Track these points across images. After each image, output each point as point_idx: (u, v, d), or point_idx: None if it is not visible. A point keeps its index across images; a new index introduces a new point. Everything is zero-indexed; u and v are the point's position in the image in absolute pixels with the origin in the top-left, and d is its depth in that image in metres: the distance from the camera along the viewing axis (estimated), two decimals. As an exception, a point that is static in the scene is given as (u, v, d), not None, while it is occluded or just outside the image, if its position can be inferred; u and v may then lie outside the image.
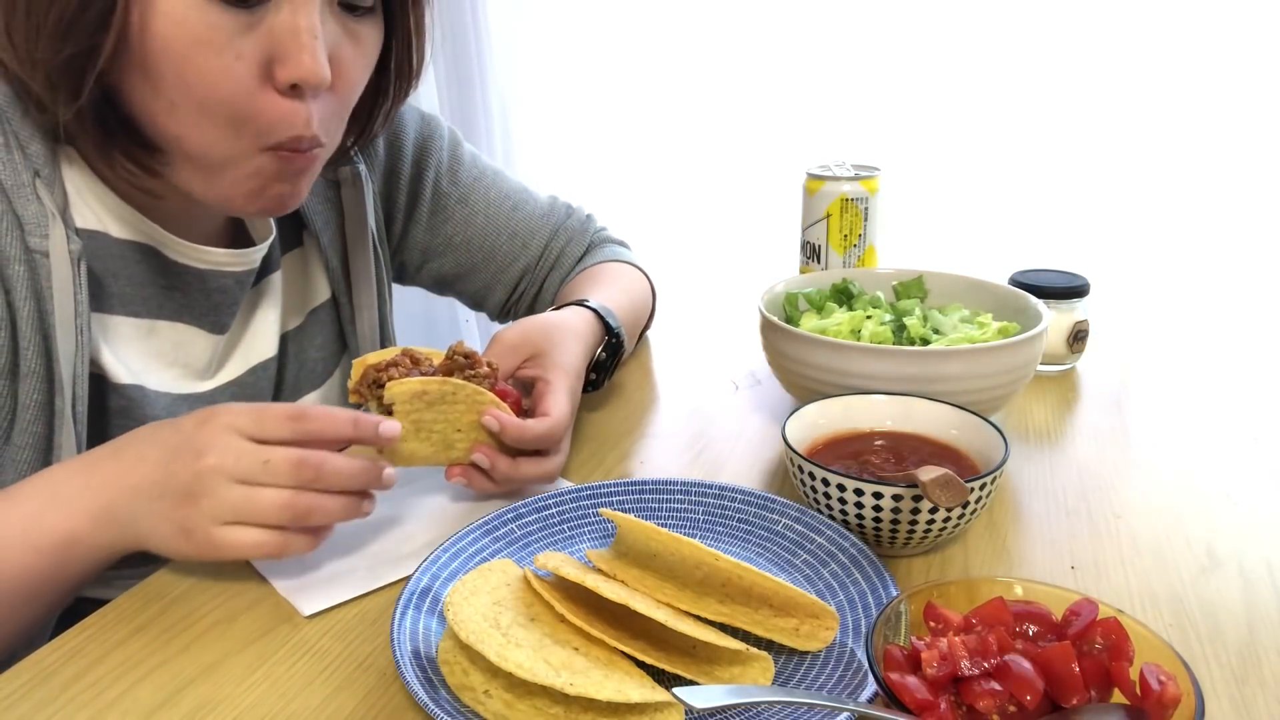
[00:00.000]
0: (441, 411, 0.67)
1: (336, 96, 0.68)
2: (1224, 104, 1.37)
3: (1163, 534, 0.69)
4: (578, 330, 0.82)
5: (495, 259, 1.00)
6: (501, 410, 0.68)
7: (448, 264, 1.00)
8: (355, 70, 0.68)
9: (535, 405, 0.73)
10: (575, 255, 1.03)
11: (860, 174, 1.05)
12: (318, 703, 0.53)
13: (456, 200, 0.97)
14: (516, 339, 0.78)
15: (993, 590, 0.51)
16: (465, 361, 0.69)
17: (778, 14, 1.60)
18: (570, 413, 0.74)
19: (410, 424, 0.66)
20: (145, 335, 0.74)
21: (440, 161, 0.96)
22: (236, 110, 0.63)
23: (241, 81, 0.62)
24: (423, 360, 0.69)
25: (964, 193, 1.56)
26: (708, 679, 0.51)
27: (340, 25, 0.65)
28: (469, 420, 0.68)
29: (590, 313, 0.86)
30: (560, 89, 1.81)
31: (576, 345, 0.80)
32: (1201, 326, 1.14)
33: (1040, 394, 0.94)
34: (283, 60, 0.62)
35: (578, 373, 0.78)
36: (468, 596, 0.54)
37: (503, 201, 0.99)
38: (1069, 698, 0.46)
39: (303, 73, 0.62)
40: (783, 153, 1.63)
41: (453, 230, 0.98)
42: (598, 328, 0.86)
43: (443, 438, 0.68)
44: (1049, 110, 1.47)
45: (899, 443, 0.72)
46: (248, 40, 0.61)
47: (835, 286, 0.93)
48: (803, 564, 0.63)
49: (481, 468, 0.69)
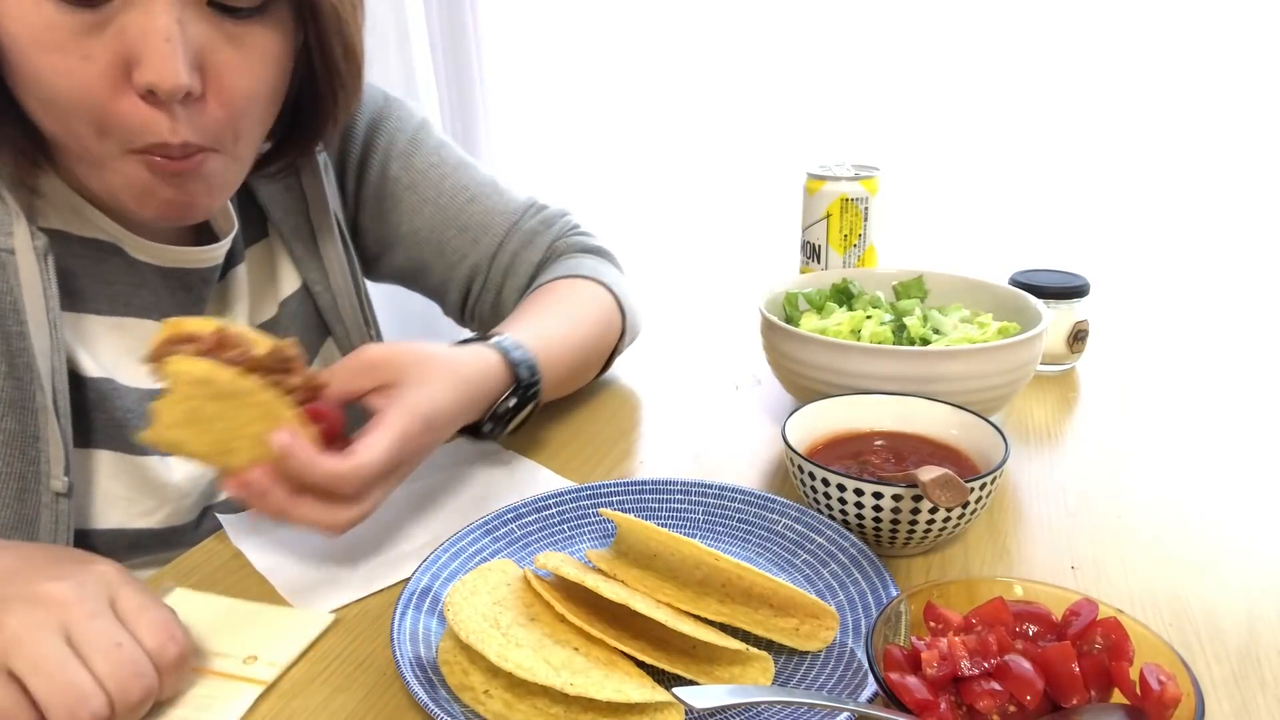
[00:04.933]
0: (227, 409, 0.58)
1: (218, 103, 0.63)
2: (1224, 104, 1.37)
3: (1163, 534, 0.69)
4: (462, 373, 0.70)
5: (444, 254, 0.93)
6: (301, 431, 0.59)
7: (400, 257, 0.94)
8: (240, 77, 0.63)
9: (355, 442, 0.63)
10: (532, 262, 0.94)
11: (860, 174, 1.05)
12: (318, 703, 0.53)
13: (405, 187, 0.91)
14: (376, 360, 0.67)
15: (993, 590, 0.51)
16: (277, 364, 0.60)
17: (778, 14, 1.60)
18: (388, 462, 0.61)
19: (186, 410, 0.58)
20: (114, 331, 0.73)
21: (391, 145, 0.90)
22: (93, 113, 0.60)
23: (92, 83, 0.59)
24: (240, 344, 0.59)
25: (964, 193, 1.55)
26: (708, 679, 0.51)
27: (215, 28, 0.61)
28: (257, 430, 0.58)
29: (497, 357, 0.74)
30: (560, 89, 1.81)
31: (447, 390, 0.68)
32: (1202, 326, 1.14)
33: (1040, 394, 0.94)
34: (138, 64, 0.58)
35: (428, 420, 0.65)
36: (468, 596, 0.54)
37: (457, 193, 0.92)
38: (1069, 698, 0.46)
39: (154, 78, 0.58)
40: (783, 153, 1.63)
41: (399, 219, 0.92)
42: (500, 373, 0.74)
43: (221, 439, 0.59)
44: (1049, 110, 1.47)
45: (899, 443, 0.72)
46: (97, 41, 0.58)
47: (835, 286, 0.93)
48: (803, 564, 0.63)
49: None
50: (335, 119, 0.74)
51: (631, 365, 1.02)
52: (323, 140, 0.78)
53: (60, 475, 0.66)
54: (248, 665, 0.56)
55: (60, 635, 0.49)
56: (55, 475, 0.66)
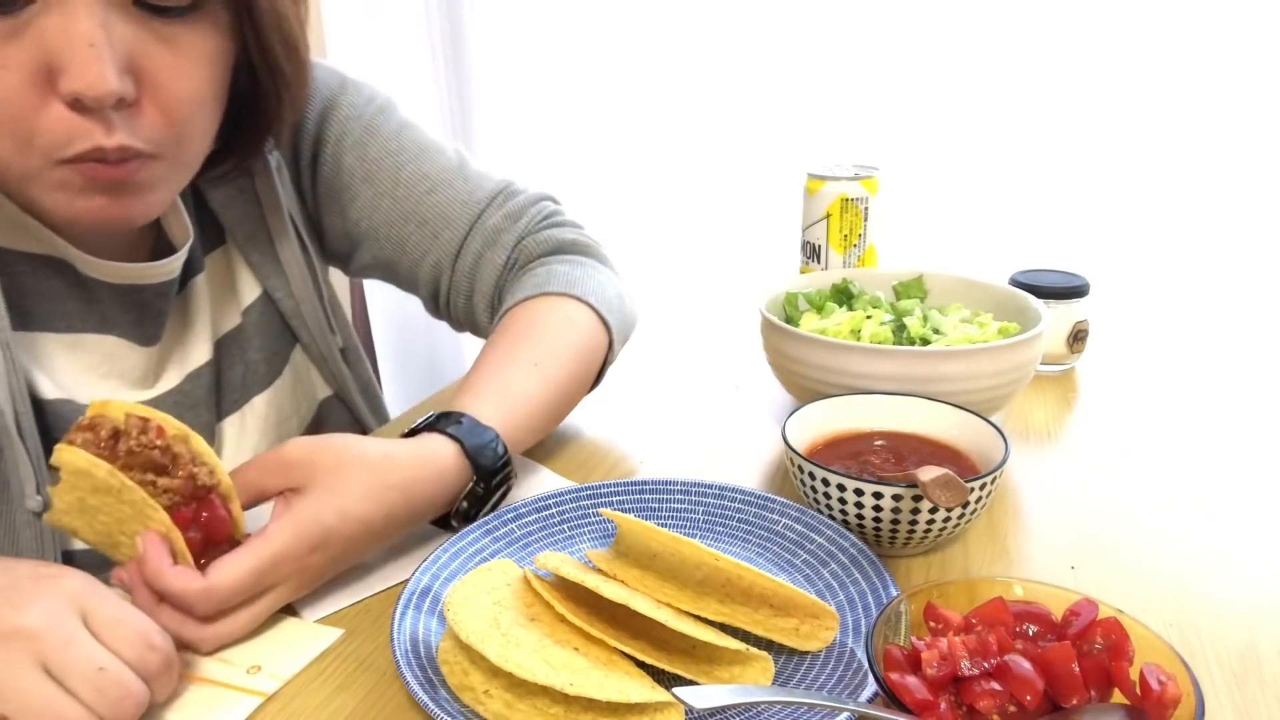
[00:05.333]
0: (107, 504, 0.56)
1: (156, 108, 0.59)
2: (1224, 104, 1.37)
3: (1163, 534, 0.69)
4: (392, 480, 0.62)
5: (406, 250, 0.87)
6: (168, 536, 0.55)
7: (366, 255, 0.89)
8: (177, 79, 0.60)
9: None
10: (497, 264, 0.87)
11: (860, 174, 1.05)
12: (318, 703, 0.53)
13: (361, 180, 0.85)
14: (292, 459, 0.61)
15: (993, 590, 0.51)
16: (150, 464, 0.56)
17: (779, 14, 1.60)
18: (249, 585, 0.56)
19: (75, 499, 0.56)
20: (71, 350, 0.70)
21: (344, 135, 0.84)
22: (15, 125, 0.56)
23: (12, 95, 0.55)
24: (135, 437, 0.56)
25: (964, 193, 1.55)
26: (708, 679, 0.51)
27: (145, 29, 0.57)
28: (133, 529, 0.56)
29: (452, 451, 0.66)
30: (560, 90, 1.80)
31: (364, 502, 0.61)
32: (1202, 326, 1.15)
33: (1040, 394, 0.94)
34: (61, 71, 0.55)
35: (324, 536, 0.59)
36: (468, 596, 0.54)
37: (417, 184, 0.85)
38: (1069, 698, 0.46)
39: (79, 86, 0.54)
40: (783, 153, 1.63)
41: (359, 214, 0.86)
42: (455, 469, 0.66)
43: (108, 531, 0.57)
44: (1048, 110, 1.47)
45: (899, 443, 0.72)
46: (14, 49, 0.54)
47: (835, 286, 0.93)
48: (803, 564, 0.63)
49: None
50: (281, 117, 0.71)
51: (632, 365, 1.02)
52: (273, 139, 0.74)
53: (33, 494, 0.64)
54: (251, 676, 0.55)
55: (38, 669, 0.47)
56: (28, 494, 0.64)
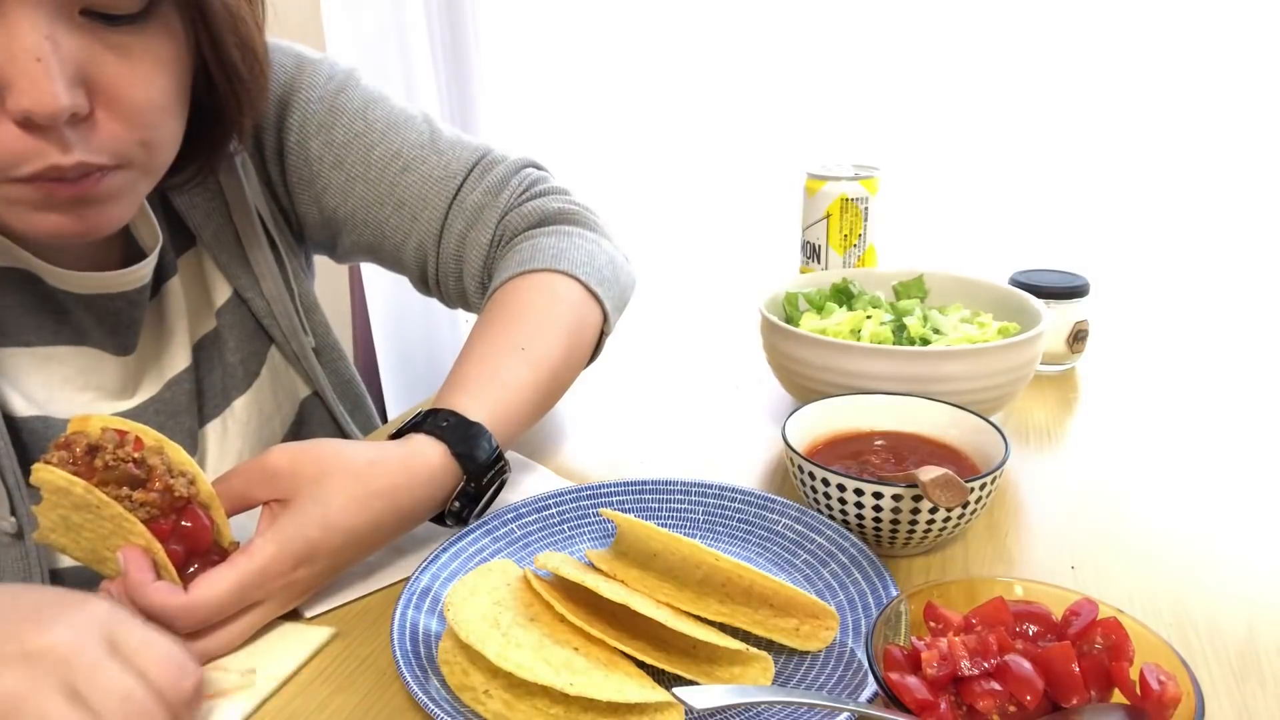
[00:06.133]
0: (89, 520, 0.55)
1: (114, 119, 0.57)
2: (1224, 104, 1.37)
3: (1163, 534, 0.69)
4: (378, 487, 0.61)
5: (386, 234, 0.84)
6: (148, 550, 0.54)
7: (348, 241, 0.85)
8: (134, 88, 0.57)
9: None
10: (482, 244, 0.83)
11: (860, 174, 1.05)
12: (318, 703, 0.53)
13: (331, 164, 0.81)
14: (275, 468, 0.59)
15: (993, 590, 0.51)
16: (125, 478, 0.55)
17: (778, 14, 1.60)
18: (231, 601, 0.55)
19: (58, 517, 0.56)
20: (45, 363, 0.68)
21: (306, 120, 0.80)
22: None
23: None
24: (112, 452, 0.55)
25: (964, 193, 1.55)
26: (708, 679, 0.51)
27: (95, 39, 0.55)
28: (116, 544, 0.55)
29: (439, 452, 0.64)
30: (560, 89, 1.81)
31: (348, 511, 0.59)
32: (1202, 326, 1.15)
33: (1040, 394, 0.94)
34: (8, 88, 0.52)
35: (310, 549, 0.58)
36: (468, 596, 0.54)
37: (389, 164, 0.82)
38: (1069, 698, 0.46)
39: (28, 104, 0.52)
40: (783, 153, 1.63)
41: (333, 201, 0.82)
42: (444, 471, 0.65)
43: (93, 547, 0.57)
44: (1048, 110, 1.47)
45: (899, 443, 0.72)
46: None
47: (835, 286, 0.93)
48: (803, 564, 0.63)
49: None
50: (242, 120, 0.69)
51: (632, 365, 1.02)
52: (236, 139, 0.72)
53: (7, 516, 0.63)
54: (246, 679, 0.55)
55: (65, 693, 0.44)
56: (2, 516, 0.63)
